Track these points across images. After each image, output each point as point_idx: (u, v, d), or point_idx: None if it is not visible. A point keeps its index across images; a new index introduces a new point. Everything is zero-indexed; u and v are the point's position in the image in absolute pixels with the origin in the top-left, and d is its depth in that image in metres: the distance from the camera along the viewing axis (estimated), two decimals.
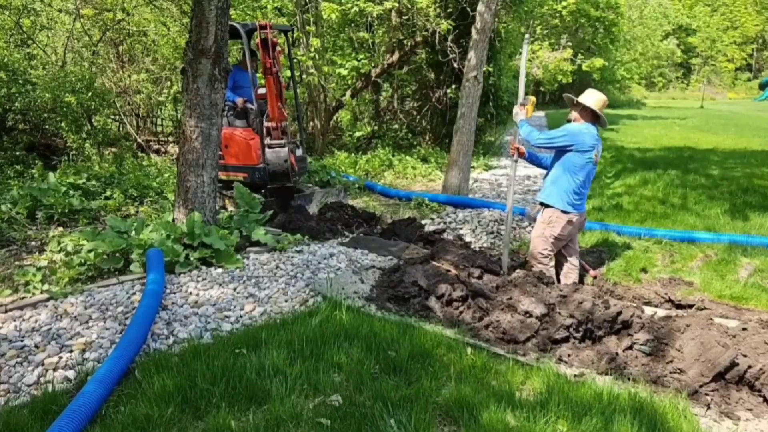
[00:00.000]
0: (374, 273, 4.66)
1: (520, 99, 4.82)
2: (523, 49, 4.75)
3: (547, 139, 4.52)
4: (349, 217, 6.70)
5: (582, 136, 4.43)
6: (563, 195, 4.50)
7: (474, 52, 7.02)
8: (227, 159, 6.76)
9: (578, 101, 4.60)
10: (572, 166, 4.46)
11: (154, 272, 4.21)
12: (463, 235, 6.00)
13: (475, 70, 7.05)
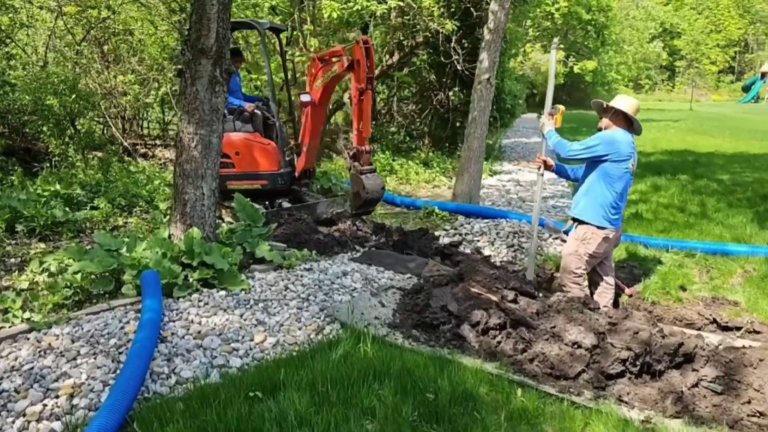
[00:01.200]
0: (394, 294, 4.25)
1: (548, 108, 4.45)
2: (552, 54, 4.38)
3: (580, 150, 4.15)
4: (358, 229, 6.28)
5: (618, 144, 4.07)
6: (599, 209, 4.13)
7: (486, 53, 6.65)
8: (240, 167, 6.36)
9: (609, 106, 4.24)
10: (608, 177, 4.10)
11: (150, 298, 3.76)
12: (482, 248, 5.61)
13: (488, 73, 6.68)
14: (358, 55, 5.38)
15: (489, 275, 3.87)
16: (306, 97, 6.15)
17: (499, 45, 6.69)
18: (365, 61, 5.34)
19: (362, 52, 5.34)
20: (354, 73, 5.51)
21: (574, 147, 4.16)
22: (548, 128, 4.36)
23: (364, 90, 5.40)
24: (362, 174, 5.56)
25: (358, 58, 5.39)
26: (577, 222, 4.30)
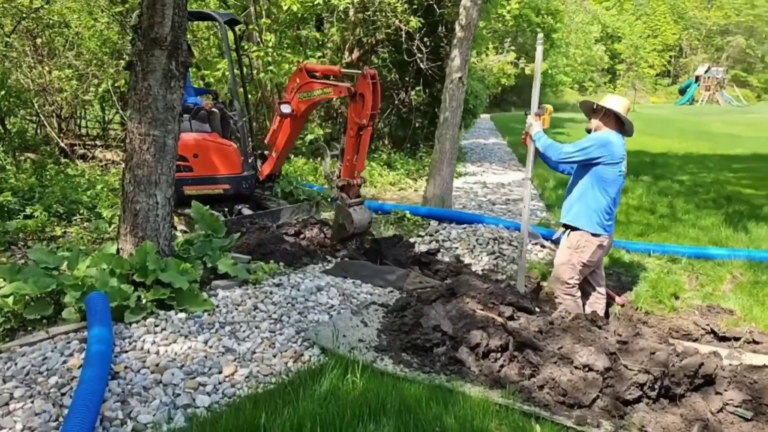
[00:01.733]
0: (377, 312, 3.87)
1: (534, 108, 4.18)
2: (537, 51, 4.11)
3: (573, 152, 3.89)
4: (326, 237, 5.86)
5: (611, 146, 3.85)
6: (593, 215, 3.90)
7: (458, 51, 6.36)
8: (198, 170, 5.80)
9: (600, 106, 4.02)
10: (602, 181, 3.87)
11: (97, 325, 3.23)
12: (461, 255, 5.31)
13: (460, 71, 6.39)
14: (363, 89, 4.81)
15: (483, 290, 3.55)
16: (286, 108, 5.65)
17: (471, 42, 6.43)
18: (371, 97, 4.79)
19: (369, 87, 4.77)
20: (354, 106, 4.96)
21: (567, 149, 3.90)
22: (536, 129, 4.10)
23: (364, 126, 4.90)
24: (350, 207, 5.12)
25: (362, 92, 4.84)
26: (569, 229, 4.05)
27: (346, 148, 5.06)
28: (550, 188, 8.43)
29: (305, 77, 5.45)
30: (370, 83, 4.79)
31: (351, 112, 4.99)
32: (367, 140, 4.97)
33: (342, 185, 5.15)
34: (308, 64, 5.52)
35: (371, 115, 4.83)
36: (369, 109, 4.80)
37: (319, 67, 5.57)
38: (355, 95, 4.90)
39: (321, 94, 5.36)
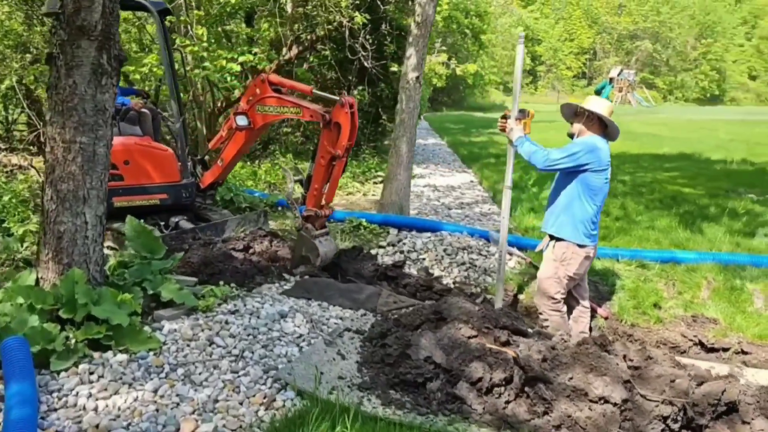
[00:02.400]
0: (353, 340, 3.43)
1: (515, 111, 3.89)
2: (518, 50, 3.81)
3: (561, 158, 3.63)
4: (277, 251, 5.33)
5: (599, 152, 3.63)
6: (579, 225, 3.66)
7: (414, 49, 6.02)
8: (130, 179, 5.10)
9: (582, 109, 3.79)
10: (588, 189, 3.64)
11: (16, 379, 2.60)
12: (429, 267, 4.97)
13: (417, 71, 6.05)
14: (340, 118, 4.33)
15: (474, 312, 3.20)
16: (242, 120, 5.04)
17: (427, 40, 6.10)
18: (349, 128, 4.31)
19: (347, 117, 4.30)
20: (328, 134, 4.45)
21: (554, 156, 3.64)
22: (517, 134, 3.81)
23: (338, 157, 4.40)
24: (315, 239, 4.62)
25: (338, 121, 4.34)
26: (554, 240, 3.80)
27: (315, 177, 4.59)
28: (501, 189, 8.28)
29: (267, 90, 4.89)
30: (349, 112, 4.33)
31: (323, 140, 4.50)
32: (339, 172, 4.53)
33: (307, 215, 4.66)
34: (272, 76, 4.96)
35: (347, 146, 4.38)
36: (346, 140, 4.34)
37: (285, 81, 5.00)
38: (329, 123, 4.42)
39: (286, 113, 4.84)
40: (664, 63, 65.69)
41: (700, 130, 21.77)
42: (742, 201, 7.50)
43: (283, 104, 4.87)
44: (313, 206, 4.62)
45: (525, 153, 3.74)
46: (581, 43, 66.00)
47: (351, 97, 4.45)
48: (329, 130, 4.45)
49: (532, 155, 3.70)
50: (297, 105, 4.77)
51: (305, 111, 4.69)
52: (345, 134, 4.34)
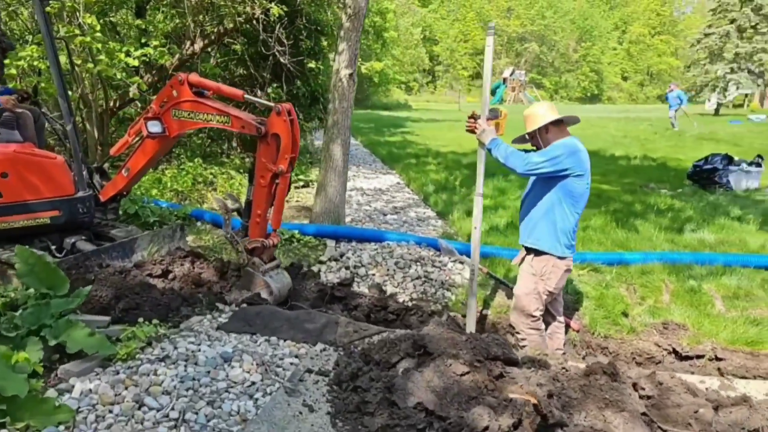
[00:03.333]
0: (318, 385, 2.89)
1: (485, 110, 3.53)
2: (488, 42, 3.44)
3: (542, 162, 3.29)
4: (200, 273, 4.62)
5: (580, 154, 3.37)
6: (560, 236, 3.37)
7: (346, 44, 5.51)
8: (10, 195, 4.14)
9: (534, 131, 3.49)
10: (570, 197, 3.36)
11: None
12: (382, 284, 4.50)
13: (350, 67, 5.55)
14: (278, 128, 3.73)
15: (461, 342, 2.79)
16: (155, 126, 4.24)
17: (360, 34, 5.62)
18: (289, 138, 3.73)
19: (286, 127, 3.71)
20: (265, 149, 3.83)
21: (534, 159, 3.31)
22: (489, 136, 3.45)
23: (282, 173, 3.79)
24: (265, 274, 3.99)
25: (276, 132, 3.75)
26: (531, 253, 3.48)
27: (256, 201, 3.95)
28: (432, 192, 8.02)
29: (187, 93, 4.15)
30: (287, 120, 3.74)
31: (260, 157, 3.86)
32: (284, 190, 3.90)
33: (253, 247, 4.01)
34: (193, 77, 4.20)
35: (290, 159, 3.78)
36: (288, 152, 3.74)
37: (210, 83, 4.26)
38: (266, 135, 3.79)
39: (211, 121, 4.12)
40: (550, 64, 70.12)
41: (592, 128, 23.12)
42: (660, 197, 7.79)
43: (206, 110, 4.16)
44: (258, 236, 3.99)
45: (501, 156, 3.39)
46: (475, 44, 68.54)
47: (288, 103, 3.87)
48: (266, 143, 3.84)
49: (510, 158, 3.36)
50: (224, 113, 4.08)
51: (235, 120, 4.02)
52: (286, 146, 3.76)
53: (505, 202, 7.42)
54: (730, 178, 8.36)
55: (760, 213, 6.85)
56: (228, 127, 4.11)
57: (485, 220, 6.52)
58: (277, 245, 4.17)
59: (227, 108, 4.14)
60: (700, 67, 28.74)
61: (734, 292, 4.32)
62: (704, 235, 5.87)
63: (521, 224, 3.59)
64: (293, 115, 3.80)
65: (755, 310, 4.04)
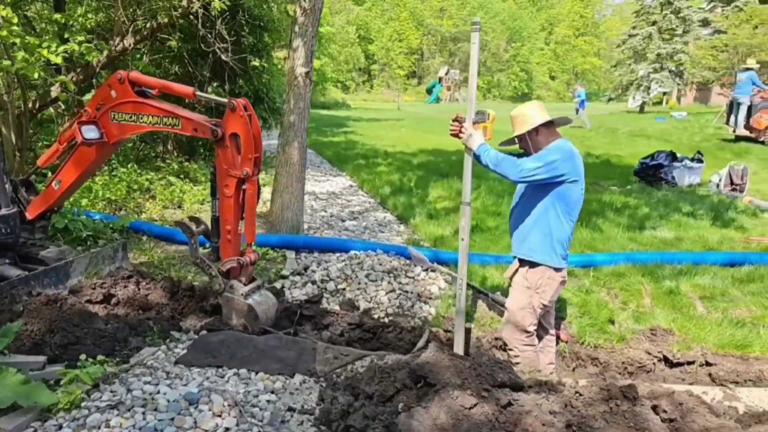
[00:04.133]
0: (303, 427, 2.53)
1: (471, 113, 3.25)
2: (472, 39, 3.16)
3: (537, 168, 3.05)
4: (146, 295, 4.12)
5: (575, 158, 3.18)
6: (555, 246, 3.17)
7: (301, 41, 5.12)
8: None
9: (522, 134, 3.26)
10: (565, 204, 3.16)
11: None
12: (354, 299, 4.16)
13: (306, 65, 5.17)
14: (237, 126, 3.32)
15: (463, 369, 2.52)
16: (91, 131, 3.69)
17: (315, 30, 5.23)
18: (250, 135, 3.31)
19: (244, 123, 3.30)
20: (224, 153, 3.39)
21: (529, 165, 3.07)
22: (477, 141, 3.18)
23: (248, 177, 3.36)
24: (247, 298, 3.52)
25: (236, 132, 3.33)
26: (525, 264, 3.25)
27: (224, 215, 3.49)
28: (387, 194, 7.74)
29: (128, 93, 3.64)
30: (245, 116, 3.32)
31: (221, 162, 3.43)
32: (254, 196, 3.47)
33: (228, 269, 3.54)
34: (135, 74, 3.68)
35: (255, 159, 3.36)
36: (251, 152, 3.33)
37: (155, 81, 3.74)
38: (222, 138, 3.36)
39: (157, 124, 3.63)
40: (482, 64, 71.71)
41: None
42: (612, 194, 7.88)
43: (151, 112, 3.66)
44: (232, 255, 3.54)
45: (491, 163, 3.13)
46: (410, 43, 69.06)
47: (243, 98, 3.46)
48: (224, 146, 3.41)
49: (501, 165, 3.10)
50: (173, 114, 3.61)
51: (186, 123, 3.56)
52: (247, 145, 3.36)
53: None
54: (675, 174, 8.60)
55: (708, 208, 7.04)
56: (178, 130, 3.65)
57: (447, 222, 6.31)
58: (256, 262, 3.71)
59: (176, 109, 3.67)
60: (625, 66, 30.09)
61: (710, 292, 4.31)
62: (664, 233, 5.92)
63: (512, 234, 3.36)
64: (251, 110, 3.39)
65: (735, 310, 4.03)
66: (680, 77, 28.51)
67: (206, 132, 3.45)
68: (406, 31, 68.97)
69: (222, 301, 3.62)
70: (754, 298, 4.16)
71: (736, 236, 5.92)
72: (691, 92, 33.63)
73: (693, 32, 28.06)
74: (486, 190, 8.03)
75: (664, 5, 28.02)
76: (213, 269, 3.59)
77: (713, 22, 28.00)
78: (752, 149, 12.97)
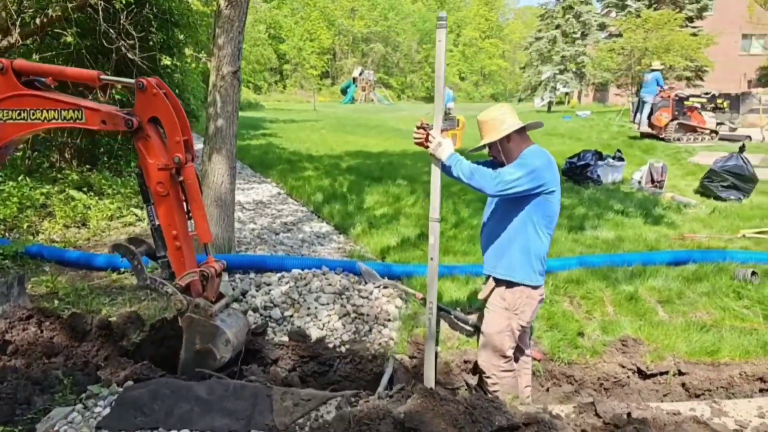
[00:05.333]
0: None
1: (439, 120, 2.90)
2: (438, 36, 2.81)
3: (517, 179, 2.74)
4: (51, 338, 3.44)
5: (554, 166, 2.92)
6: (534, 262, 2.91)
7: (227, 36, 4.56)
8: None
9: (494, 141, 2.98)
10: (543, 216, 2.90)
11: None
12: (305, 327, 3.70)
13: (233, 64, 4.61)
14: (156, 109, 2.78)
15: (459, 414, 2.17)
16: None
17: (243, 25, 4.68)
18: (173, 116, 2.76)
19: (162, 102, 2.76)
20: (145, 145, 2.82)
21: (509, 176, 2.77)
22: (447, 151, 2.84)
23: (180, 165, 2.80)
24: (214, 318, 2.92)
25: (156, 115, 2.79)
26: (502, 284, 2.96)
27: (164, 220, 2.90)
28: (320, 202, 7.28)
29: (13, 84, 2.94)
30: (160, 94, 2.76)
31: (145, 158, 2.84)
32: (195, 185, 2.89)
33: (188, 284, 2.94)
34: (19, 62, 2.97)
35: (185, 142, 2.81)
36: (177, 133, 2.78)
37: (49, 68, 3.06)
38: (140, 127, 2.78)
39: (56, 120, 2.96)
40: (395, 65, 72.48)
41: None
42: None
43: (46, 106, 3.00)
44: (188, 265, 2.94)
45: (464, 175, 2.81)
46: (322, 43, 68.28)
47: (153, 77, 2.90)
48: (144, 136, 2.84)
49: (476, 176, 2.78)
50: (75, 106, 2.96)
51: (91, 115, 2.93)
52: (171, 126, 2.80)
53: (405, 209, 6.95)
54: (599, 173, 8.82)
55: (637, 206, 7.21)
56: (82, 125, 2.99)
57: (391, 231, 5.98)
58: (221, 272, 3.12)
59: (77, 99, 3.02)
60: (533, 68, 31.37)
61: (667, 295, 4.28)
62: (605, 233, 5.94)
63: (486, 251, 3.06)
64: (165, 88, 2.85)
65: (696, 313, 4.00)
66: (582, 78, 30.14)
67: (118, 122, 2.84)
68: (317, 30, 68.11)
69: (183, 324, 3.00)
70: (710, 300, 4.18)
71: (670, 233, 6.06)
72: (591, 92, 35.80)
73: (592, 35, 29.77)
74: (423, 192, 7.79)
75: (567, 10, 29.46)
76: (169, 287, 2.98)
77: (610, 26, 29.83)
78: (657, 145, 13.77)
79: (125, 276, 4.72)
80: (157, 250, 3.05)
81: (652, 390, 3.38)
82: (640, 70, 23.63)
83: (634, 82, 25.00)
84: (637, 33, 23.90)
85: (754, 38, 32.42)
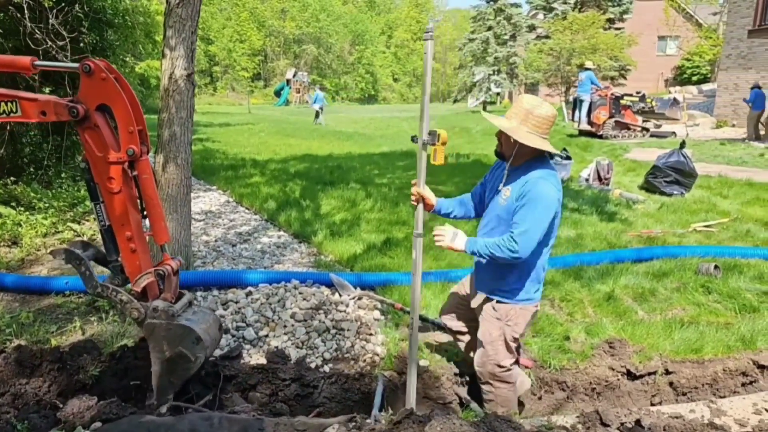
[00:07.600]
0: None
1: (425, 133, 2.71)
2: (426, 47, 2.65)
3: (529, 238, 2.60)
4: None
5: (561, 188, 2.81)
6: (534, 283, 2.86)
7: (179, 37, 4.22)
8: None
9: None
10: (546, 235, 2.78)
11: None
12: (284, 348, 3.45)
13: (188, 67, 4.28)
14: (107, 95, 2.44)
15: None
16: None
17: (196, 25, 4.36)
18: (124, 102, 2.43)
19: (112, 87, 2.42)
20: (93, 135, 2.49)
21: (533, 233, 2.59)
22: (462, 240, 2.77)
23: (135, 156, 2.49)
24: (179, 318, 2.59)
25: (105, 102, 2.45)
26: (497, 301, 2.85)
27: (116, 221, 2.57)
28: (274, 209, 6.98)
29: None
30: (111, 78, 2.44)
31: (92, 151, 2.50)
32: (150, 181, 2.58)
33: (144, 287, 2.60)
34: None
35: (139, 133, 2.50)
36: (131, 124, 2.46)
37: None
38: (87, 116, 2.46)
39: None
40: (328, 66, 72.05)
41: (389, 128, 23.99)
42: None
43: None
44: (144, 267, 2.61)
45: (486, 255, 2.67)
46: (252, 44, 66.78)
47: (101, 59, 2.58)
48: (91, 126, 2.50)
49: (501, 249, 2.60)
50: (9, 97, 2.58)
51: (29, 106, 2.56)
52: (124, 115, 2.46)
53: (364, 214, 6.78)
54: None
55: (589, 203, 7.39)
56: (18, 118, 2.61)
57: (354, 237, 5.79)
58: (179, 270, 2.79)
59: (11, 90, 2.64)
60: (468, 69, 32.00)
61: (641, 293, 4.34)
62: (566, 232, 6.01)
63: (480, 270, 2.93)
64: (115, 72, 2.52)
65: (672, 310, 4.08)
66: (515, 78, 31.07)
67: (61, 112, 2.49)
68: (247, 31, 66.56)
69: (146, 332, 2.66)
70: (682, 296, 4.29)
71: (626, 230, 6.22)
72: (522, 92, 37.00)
73: (522, 37, 30.75)
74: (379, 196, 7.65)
75: (498, 12, 30.26)
76: (123, 294, 2.64)
77: (539, 27, 30.91)
78: (593, 143, 14.33)
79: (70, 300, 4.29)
80: (108, 254, 2.71)
81: (641, 391, 3.40)
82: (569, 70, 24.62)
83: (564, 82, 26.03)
84: (565, 34, 24.87)
85: (669, 39, 34.66)
